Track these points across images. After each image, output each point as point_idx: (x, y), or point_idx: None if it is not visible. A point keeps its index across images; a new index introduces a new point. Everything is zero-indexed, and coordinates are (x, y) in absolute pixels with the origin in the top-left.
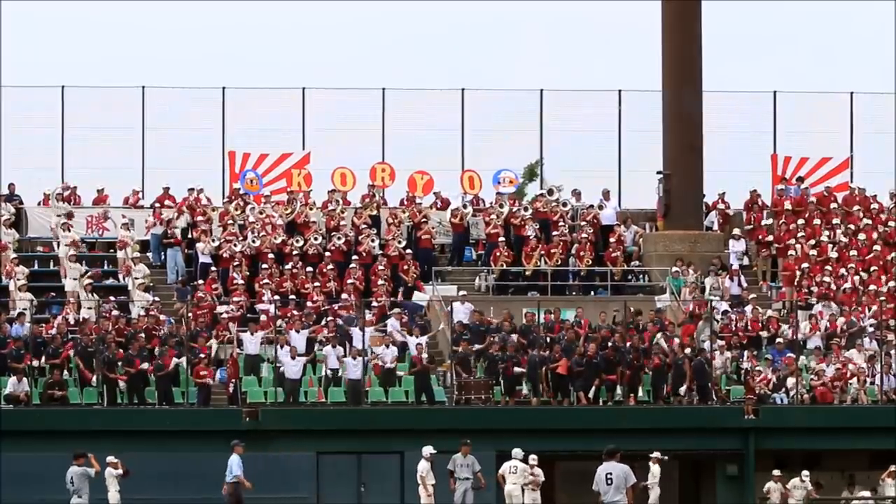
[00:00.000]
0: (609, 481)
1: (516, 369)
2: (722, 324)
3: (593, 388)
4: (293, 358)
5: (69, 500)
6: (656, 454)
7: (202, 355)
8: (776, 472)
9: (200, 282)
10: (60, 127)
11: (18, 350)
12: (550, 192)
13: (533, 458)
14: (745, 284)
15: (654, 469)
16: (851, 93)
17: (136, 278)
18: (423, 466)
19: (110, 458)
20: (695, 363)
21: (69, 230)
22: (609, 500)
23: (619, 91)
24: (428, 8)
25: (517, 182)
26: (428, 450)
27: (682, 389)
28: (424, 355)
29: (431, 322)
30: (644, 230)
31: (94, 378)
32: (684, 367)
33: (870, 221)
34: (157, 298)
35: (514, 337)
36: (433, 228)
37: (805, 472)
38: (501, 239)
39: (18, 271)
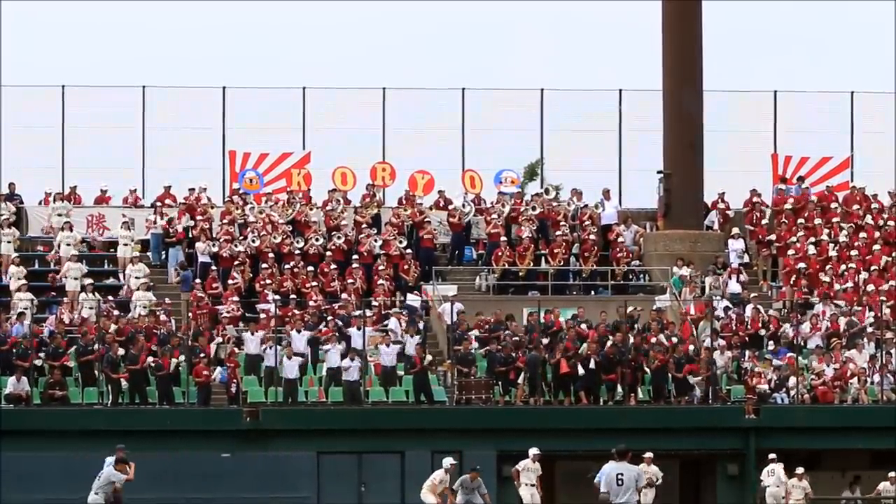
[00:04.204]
0: (620, 481)
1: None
2: (722, 323)
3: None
4: (289, 358)
5: (88, 496)
6: (649, 454)
7: (202, 355)
8: (772, 455)
9: (198, 281)
10: (60, 127)
11: (20, 349)
12: (547, 191)
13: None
14: (745, 279)
15: (651, 468)
16: (851, 93)
17: (138, 278)
18: (440, 476)
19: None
20: (708, 362)
21: (71, 230)
22: (618, 501)
23: (620, 90)
24: (428, 8)
25: (519, 181)
26: (448, 460)
27: (696, 381)
28: (428, 357)
29: (431, 322)
30: (644, 230)
31: (97, 378)
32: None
33: (870, 221)
34: (167, 300)
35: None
36: (434, 229)
37: (799, 470)
38: (503, 239)
39: (18, 271)
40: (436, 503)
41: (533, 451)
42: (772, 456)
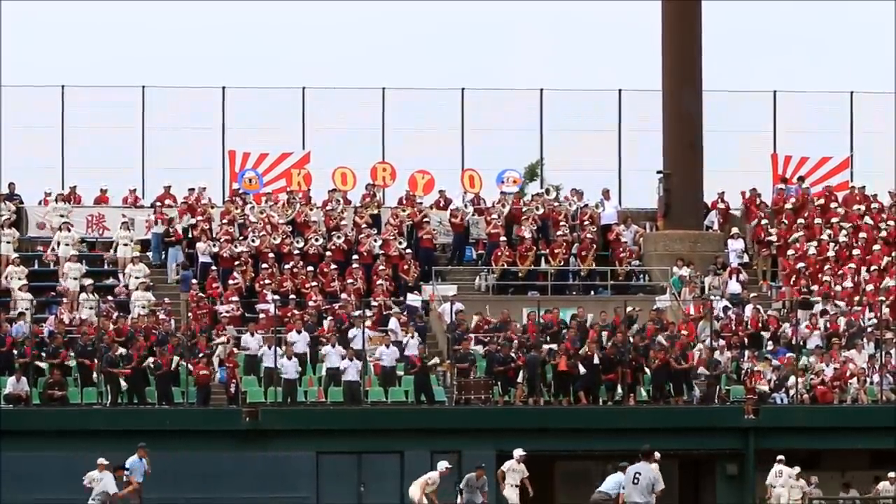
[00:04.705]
0: (636, 481)
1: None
2: (722, 323)
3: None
4: (289, 358)
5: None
6: (656, 454)
7: (202, 354)
8: (780, 457)
9: (195, 282)
10: (60, 127)
11: (20, 349)
12: (547, 191)
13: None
14: (745, 278)
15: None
16: (851, 93)
17: (137, 278)
18: (434, 478)
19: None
20: (710, 362)
21: (69, 230)
22: (630, 501)
23: (619, 91)
24: (428, 8)
25: (521, 181)
26: (444, 464)
27: (701, 381)
28: (435, 360)
29: (431, 322)
30: (644, 230)
31: (96, 377)
32: (685, 367)
33: (870, 220)
34: (166, 300)
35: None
36: (434, 230)
37: (796, 469)
38: (503, 239)
39: (18, 271)
40: (418, 499)
41: (518, 452)
42: (780, 457)
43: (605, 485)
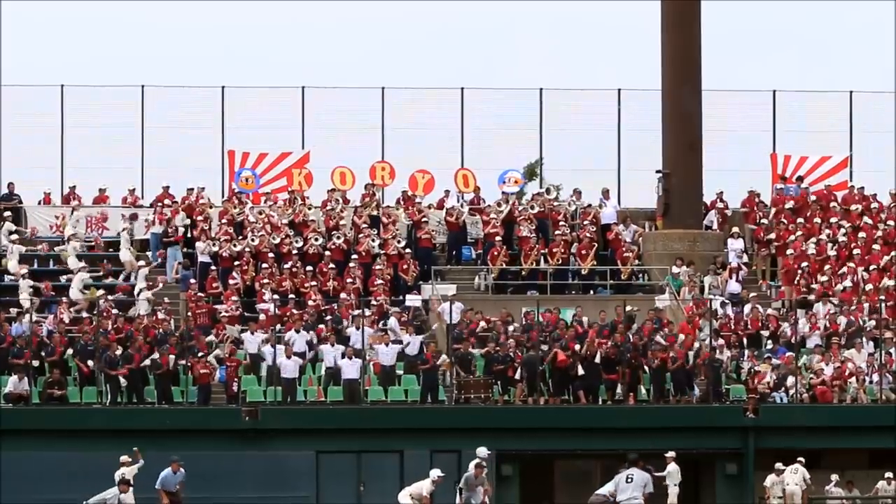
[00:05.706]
0: (629, 480)
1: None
2: (721, 322)
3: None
4: (288, 357)
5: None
6: (671, 453)
7: (201, 354)
8: (778, 466)
9: (193, 281)
10: (60, 127)
11: (19, 348)
12: (548, 191)
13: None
14: (744, 273)
15: (671, 468)
16: (851, 92)
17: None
18: (427, 487)
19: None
20: (709, 362)
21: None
22: (624, 499)
23: (619, 90)
24: (428, 8)
25: (522, 182)
26: (436, 472)
27: (696, 389)
28: (444, 358)
29: (431, 322)
30: (644, 229)
31: (95, 376)
32: (687, 367)
33: (869, 220)
34: (166, 299)
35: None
36: (433, 230)
37: (793, 467)
38: (499, 238)
39: (24, 272)
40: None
41: (483, 451)
42: (800, 459)
43: (605, 488)
